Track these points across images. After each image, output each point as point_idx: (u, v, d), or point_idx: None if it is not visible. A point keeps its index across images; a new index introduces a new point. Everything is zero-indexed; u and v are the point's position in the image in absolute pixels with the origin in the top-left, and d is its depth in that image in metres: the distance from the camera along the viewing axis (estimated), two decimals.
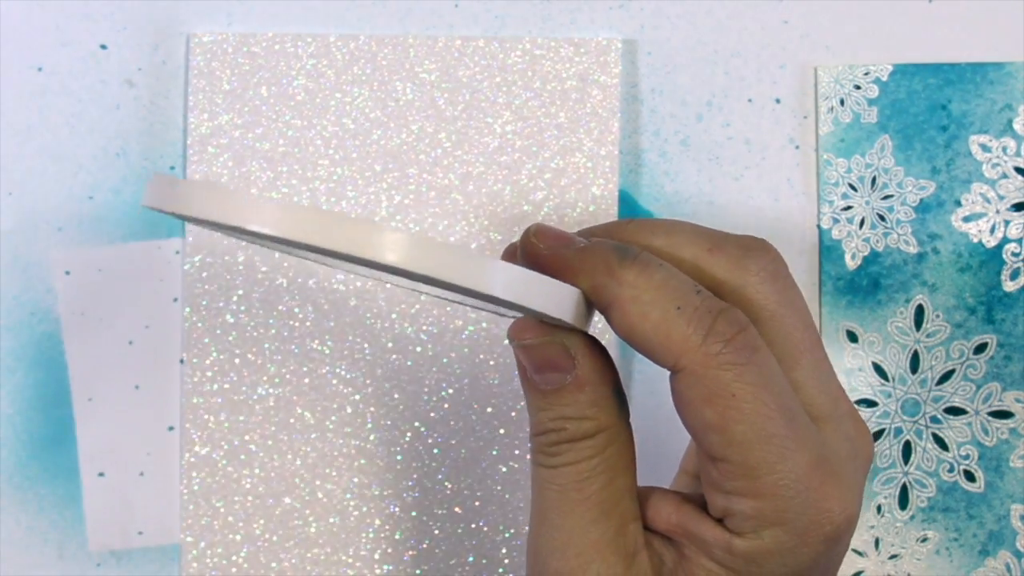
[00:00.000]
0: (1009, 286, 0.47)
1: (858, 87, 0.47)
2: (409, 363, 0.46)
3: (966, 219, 0.47)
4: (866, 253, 0.47)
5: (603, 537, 0.31)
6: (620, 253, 0.30)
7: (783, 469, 0.29)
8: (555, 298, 0.29)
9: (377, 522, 0.46)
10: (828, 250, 0.47)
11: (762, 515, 0.29)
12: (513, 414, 0.46)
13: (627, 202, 0.47)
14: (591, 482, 0.31)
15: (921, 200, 0.47)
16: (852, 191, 0.47)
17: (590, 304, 0.31)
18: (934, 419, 0.47)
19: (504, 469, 0.47)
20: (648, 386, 0.47)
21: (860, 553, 0.47)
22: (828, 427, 0.31)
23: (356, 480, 0.46)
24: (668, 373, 0.30)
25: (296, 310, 0.46)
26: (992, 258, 0.47)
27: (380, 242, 0.26)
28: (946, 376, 0.47)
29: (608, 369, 0.31)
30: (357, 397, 0.46)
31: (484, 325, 0.46)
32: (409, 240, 0.26)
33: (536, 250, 0.31)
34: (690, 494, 0.33)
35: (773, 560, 0.30)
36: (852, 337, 0.47)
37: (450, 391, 0.47)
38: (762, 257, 0.32)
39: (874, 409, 0.47)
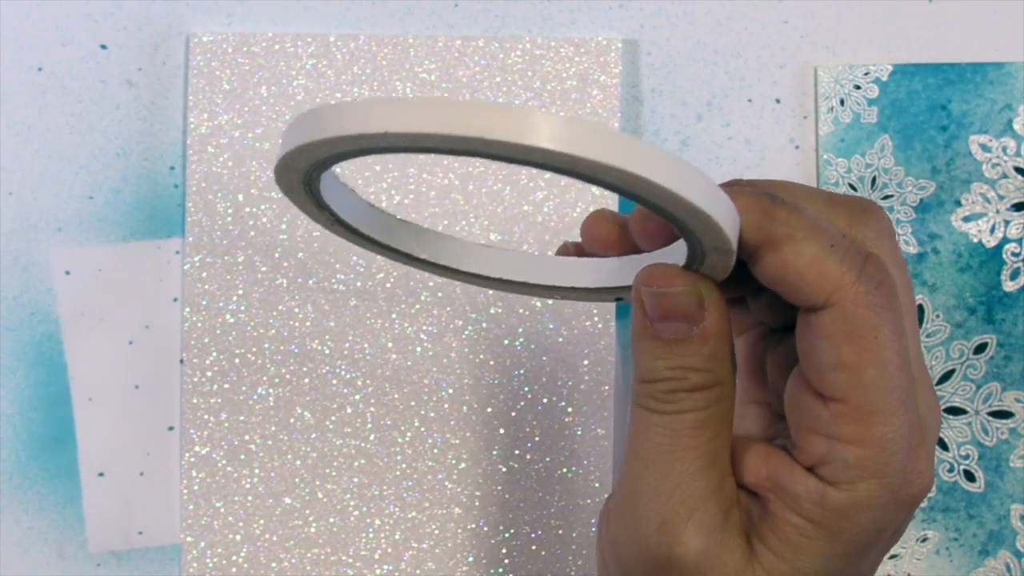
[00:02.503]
0: (1009, 286, 0.47)
1: (858, 87, 0.47)
2: (409, 363, 0.46)
3: (966, 219, 0.47)
4: None
5: (708, 486, 0.31)
6: (770, 196, 0.30)
7: (896, 422, 0.29)
8: (727, 208, 0.28)
9: (377, 522, 0.46)
10: None
11: (863, 465, 0.29)
12: (513, 414, 0.46)
13: (627, 202, 0.47)
14: (703, 432, 0.31)
15: (921, 200, 0.47)
16: (852, 191, 0.47)
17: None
18: None
19: (504, 469, 0.47)
20: None
21: None
22: (918, 392, 0.31)
23: (356, 480, 0.46)
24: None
25: (296, 310, 0.46)
26: (992, 258, 0.47)
27: (530, 124, 0.24)
28: (946, 376, 0.47)
29: (729, 324, 0.31)
30: (357, 397, 0.46)
31: (484, 325, 0.46)
32: (561, 121, 0.24)
33: None
34: (776, 445, 0.32)
35: (863, 515, 0.30)
36: None
37: (450, 391, 0.47)
38: (879, 215, 0.32)
39: None
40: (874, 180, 0.47)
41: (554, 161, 0.25)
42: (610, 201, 0.47)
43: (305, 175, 0.29)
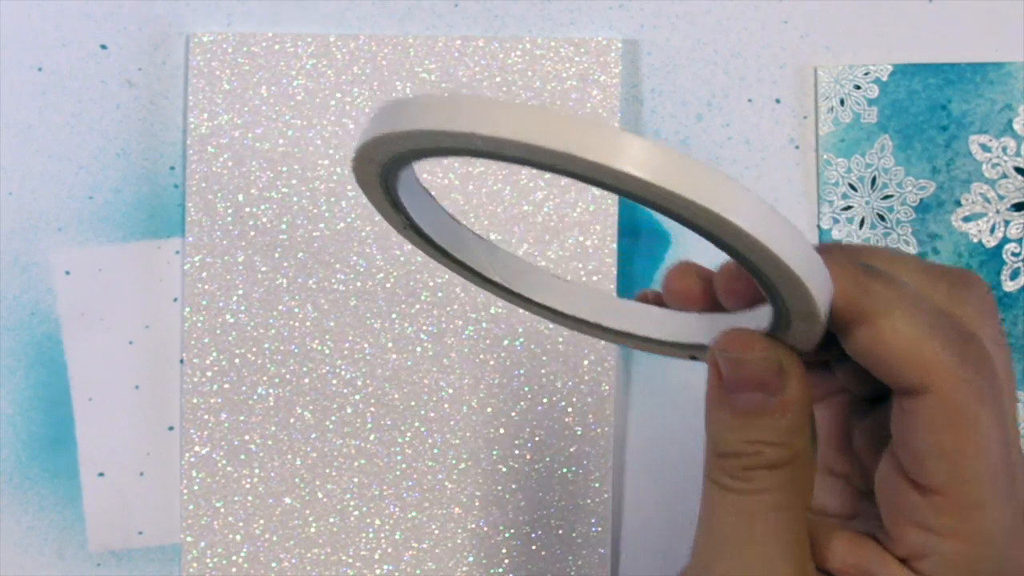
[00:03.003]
0: (1009, 286, 0.47)
1: (858, 87, 0.47)
2: (409, 363, 0.46)
3: (966, 219, 0.47)
4: None
5: (787, 571, 0.29)
6: (865, 266, 0.28)
7: (998, 516, 0.28)
8: (821, 275, 0.26)
9: (377, 522, 0.46)
10: None
11: (962, 560, 0.28)
12: (513, 414, 0.46)
13: (627, 202, 0.47)
14: (782, 513, 0.29)
15: (921, 200, 0.47)
16: (852, 191, 0.47)
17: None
18: None
19: (504, 469, 0.47)
20: (648, 386, 0.47)
21: None
22: (1018, 477, 0.29)
23: (356, 480, 0.46)
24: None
25: (296, 310, 0.46)
26: (992, 258, 0.47)
27: (617, 146, 0.23)
28: None
29: (810, 395, 0.29)
30: (357, 397, 0.46)
31: (484, 325, 0.46)
32: (658, 150, 0.23)
33: None
34: (861, 531, 0.31)
35: None
36: None
37: (450, 391, 0.47)
38: (979, 290, 0.30)
39: None
40: (874, 180, 0.47)
41: (643, 191, 0.23)
42: (610, 201, 0.47)
43: (383, 169, 0.28)
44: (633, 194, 0.24)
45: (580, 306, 0.34)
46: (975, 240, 0.47)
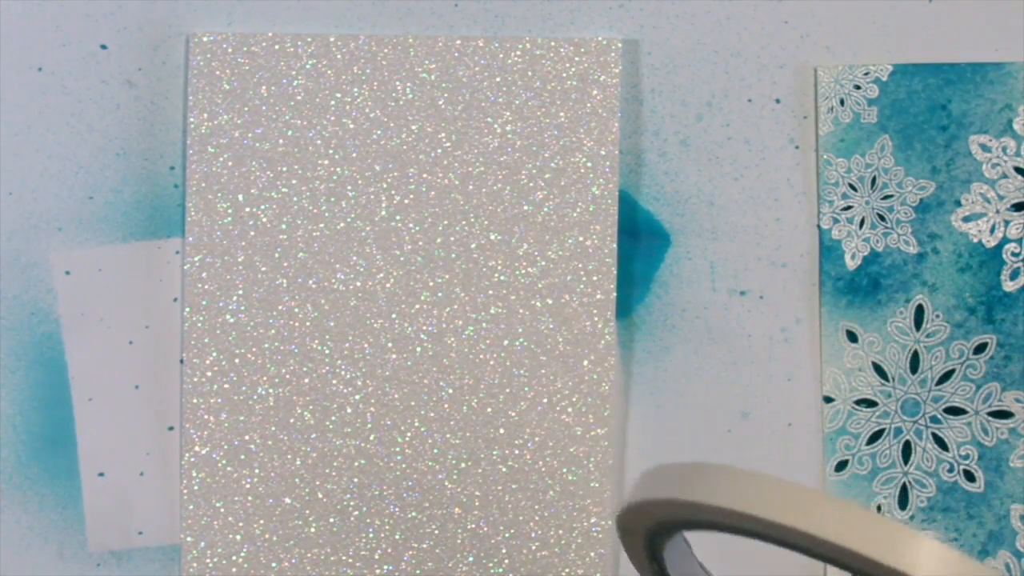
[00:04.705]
0: (1009, 286, 0.47)
1: (858, 87, 0.47)
2: (409, 363, 0.47)
3: (966, 219, 0.47)
4: (866, 253, 0.47)
5: None
6: None
7: None
8: None
9: (377, 522, 0.46)
10: (828, 250, 0.47)
11: None
12: (513, 414, 0.46)
13: (627, 202, 0.47)
14: None
15: (921, 200, 0.47)
16: (852, 191, 0.47)
17: None
18: (934, 419, 0.47)
19: (504, 469, 0.47)
20: (648, 386, 0.47)
21: None
22: None
23: (356, 480, 0.46)
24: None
25: (296, 310, 0.46)
26: (992, 258, 0.47)
27: (914, 554, 0.20)
28: (946, 376, 0.47)
29: None
30: (357, 397, 0.46)
31: (484, 326, 0.46)
32: (953, 559, 0.21)
33: None
34: None
35: None
36: (852, 337, 0.47)
37: (450, 391, 0.47)
38: None
39: (874, 409, 0.47)
40: (874, 180, 0.47)
41: None
42: (609, 200, 0.47)
43: (649, 533, 0.26)
44: None
45: None
46: (975, 240, 0.47)
